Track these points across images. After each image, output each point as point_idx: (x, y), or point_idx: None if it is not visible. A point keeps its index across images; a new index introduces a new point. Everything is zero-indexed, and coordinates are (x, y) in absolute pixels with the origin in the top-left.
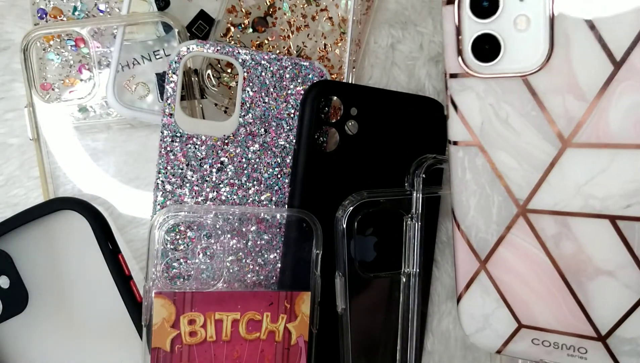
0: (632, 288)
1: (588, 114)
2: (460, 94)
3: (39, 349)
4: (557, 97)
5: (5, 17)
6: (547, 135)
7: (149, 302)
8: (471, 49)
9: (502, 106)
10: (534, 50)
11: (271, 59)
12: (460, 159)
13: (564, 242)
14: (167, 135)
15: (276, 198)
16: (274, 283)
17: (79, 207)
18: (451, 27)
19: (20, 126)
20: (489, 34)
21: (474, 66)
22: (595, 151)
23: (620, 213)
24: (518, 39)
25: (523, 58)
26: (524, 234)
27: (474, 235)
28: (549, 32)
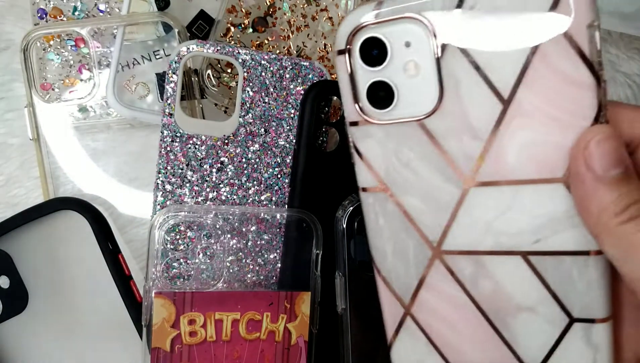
0: (553, 323)
1: (485, 153)
2: (362, 141)
3: (39, 349)
4: (454, 139)
5: (5, 17)
6: (449, 177)
7: (148, 302)
8: (367, 97)
9: (403, 150)
10: (426, 94)
11: (271, 59)
12: (372, 206)
13: (482, 281)
14: (167, 135)
15: (276, 198)
16: (274, 283)
17: (79, 207)
18: (345, 77)
19: (20, 126)
20: (381, 82)
21: (371, 113)
22: (497, 189)
23: (531, 249)
24: (410, 84)
25: (417, 103)
26: (443, 276)
27: (395, 280)
28: (438, 75)
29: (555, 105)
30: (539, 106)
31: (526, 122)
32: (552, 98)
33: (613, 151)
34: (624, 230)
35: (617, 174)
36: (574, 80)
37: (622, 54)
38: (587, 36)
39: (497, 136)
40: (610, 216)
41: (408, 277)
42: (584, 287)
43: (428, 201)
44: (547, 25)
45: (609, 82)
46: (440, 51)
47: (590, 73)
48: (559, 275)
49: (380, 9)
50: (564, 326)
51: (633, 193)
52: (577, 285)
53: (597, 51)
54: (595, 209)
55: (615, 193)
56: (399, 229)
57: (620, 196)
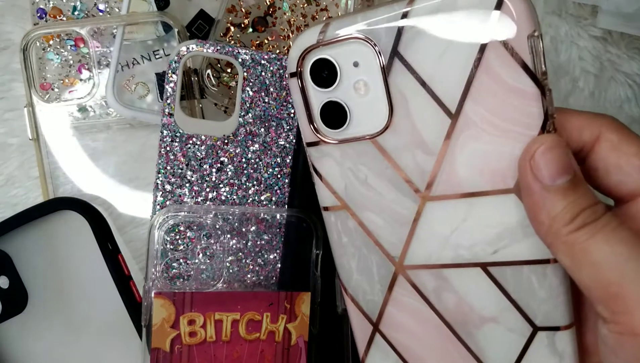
0: (517, 332)
1: (438, 167)
2: (320, 161)
3: (39, 349)
4: (407, 154)
5: (5, 17)
6: (405, 192)
7: (148, 302)
8: (320, 117)
9: (360, 168)
10: (377, 112)
11: (271, 59)
12: (334, 224)
13: (445, 294)
14: (166, 135)
15: (276, 198)
16: (274, 284)
17: (78, 207)
18: (298, 98)
19: (20, 126)
20: (333, 102)
21: (326, 133)
22: (452, 202)
23: (489, 259)
24: (361, 103)
25: (369, 121)
26: (407, 291)
27: (362, 297)
28: (387, 93)
29: (502, 116)
30: (486, 117)
31: (474, 134)
32: (498, 109)
33: (559, 159)
34: (575, 238)
35: (564, 182)
36: (518, 90)
37: (623, 54)
38: (528, 46)
39: (448, 150)
40: (560, 225)
41: (374, 294)
42: (545, 295)
43: (387, 218)
44: (489, 37)
45: (609, 82)
46: (387, 69)
47: (533, 83)
48: (519, 285)
49: (327, 30)
50: (528, 335)
51: (581, 200)
52: (538, 293)
53: (540, 60)
54: (545, 219)
55: (564, 202)
56: (361, 246)
57: (568, 204)
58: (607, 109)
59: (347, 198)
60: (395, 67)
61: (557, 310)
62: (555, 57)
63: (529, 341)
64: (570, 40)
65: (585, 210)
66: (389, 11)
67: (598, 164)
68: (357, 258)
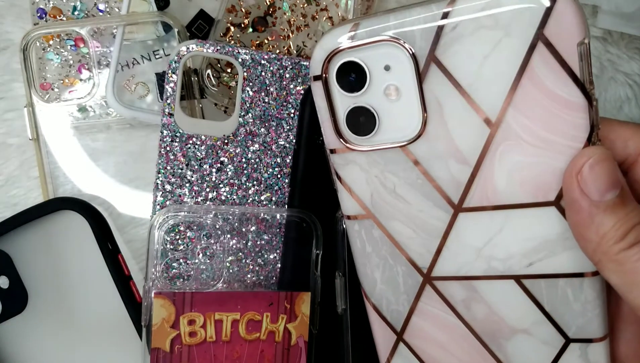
0: (550, 343)
1: (473, 177)
2: (344, 168)
3: (39, 349)
4: (440, 164)
5: (5, 17)
6: (437, 202)
7: (148, 302)
8: (346, 123)
9: (388, 176)
10: (409, 118)
11: (271, 59)
12: (357, 233)
13: (475, 306)
14: (166, 135)
15: (276, 198)
16: (274, 284)
17: (78, 207)
18: (322, 103)
19: (19, 126)
20: (361, 107)
21: (352, 140)
22: (487, 214)
23: (524, 272)
24: (392, 109)
25: (400, 128)
26: (434, 302)
27: (386, 307)
28: (420, 99)
29: (546, 127)
30: (529, 127)
31: (515, 145)
32: (543, 120)
33: (607, 173)
34: (626, 257)
35: (613, 198)
36: (564, 101)
37: (623, 54)
38: (577, 55)
39: (485, 160)
40: (610, 243)
41: (399, 304)
42: (580, 308)
43: (416, 228)
44: (537, 43)
45: (609, 82)
46: (422, 73)
47: (581, 93)
48: (554, 297)
49: (357, 31)
50: (560, 346)
51: (631, 215)
52: (573, 306)
53: (588, 69)
54: (594, 236)
55: (614, 218)
56: (387, 256)
57: (618, 221)
58: (607, 109)
59: (373, 207)
60: (431, 72)
61: (592, 322)
62: None
63: (560, 352)
64: None
65: (636, 227)
66: (427, 11)
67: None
68: (381, 268)
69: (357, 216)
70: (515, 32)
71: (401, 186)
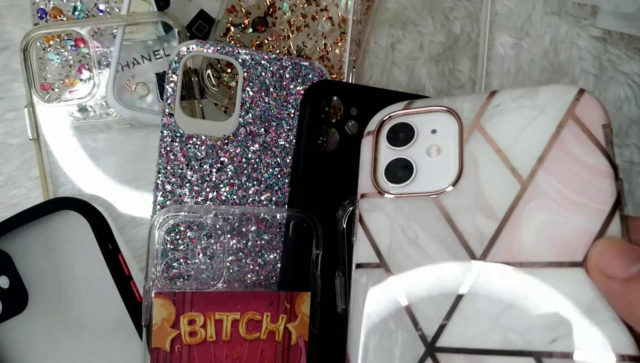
0: None
1: (499, 231)
2: (370, 214)
3: (39, 349)
4: (467, 217)
5: (5, 17)
6: (458, 255)
7: (148, 302)
8: (384, 171)
9: (412, 226)
10: (445, 172)
11: (271, 59)
12: (362, 287)
13: None
14: (167, 135)
15: (276, 198)
16: (274, 283)
17: (79, 207)
18: (368, 155)
19: (20, 126)
20: (402, 158)
21: (385, 187)
22: (509, 271)
23: (546, 349)
24: (430, 163)
25: (434, 180)
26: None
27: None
28: (459, 157)
29: (575, 189)
30: (558, 189)
31: (544, 204)
32: (572, 183)
33: (620, 251)
34: None
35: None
36: (592, 167)
37: (622, 54)
38: (603, 134)
39: (514, 216)
40: None
41: None
42: None
43: (430, 285)
44: (567, 121)
45: (609, 82)
46: (464, 136)
47: (608, 162)
48: None
49: (413, 103)
50: None
51: None
52: None
53: (612, 149)
54: None
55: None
56: (389, 319)
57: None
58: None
59: (389, 256)
60: (473, 136)
61: None
62: (555, 57)
63: None
64: (570, 40)
65: None
66: (476, 94)
67: None
68: (379, 334)
69: (369, 263)
70: (549, 112)
71: (423, 237)
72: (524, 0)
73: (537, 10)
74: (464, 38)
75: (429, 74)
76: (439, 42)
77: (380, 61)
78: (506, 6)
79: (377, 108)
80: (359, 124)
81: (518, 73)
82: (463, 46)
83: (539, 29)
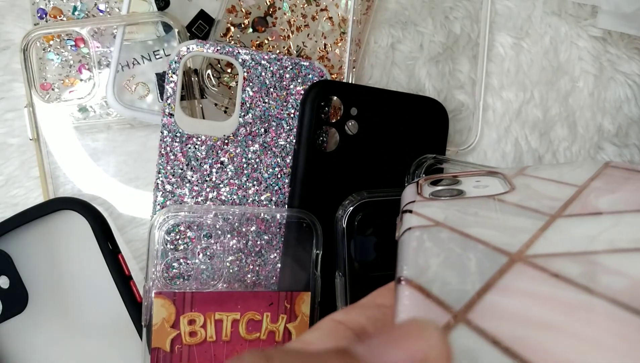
0: None
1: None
2: (419, 208)
3: (39, 349)
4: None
5: (5, 17)
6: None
7: (148, 302)
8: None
9: (469, 209)
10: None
11: (271, 59)
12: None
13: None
14: (167, 135)
15: (276, 198)
16: (274, 283)
17: (79, 207)
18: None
19: (20, 126)
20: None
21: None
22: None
23: None
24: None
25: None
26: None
27: (439, 288)
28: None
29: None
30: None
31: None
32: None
33: None
34: None
35: None
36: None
37: (622, 54)
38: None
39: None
40: None
41: (465, 283)
42: None
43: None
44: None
45: (609, 82)
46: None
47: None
48: None
49: None
50: None
51: None
52: None
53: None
54: None
55: None
56: (454, 247)
57: None
58: (606, 109)
59: (447, 220)
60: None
61: None
62: (555, 57)
63: None
64: (570, 40)
65: None
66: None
67: None
68: (442, 256)
69: (422, 225)
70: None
71: (484, 213)
72: (524, 0)
73: (537, 10)
74: (464, 38)
75: (429, 74)
76: (439, 42)
77: (380, 61)
78: (506, 6)
79: (377, 108)
80: (359, 124)
81: (518, 73)
82: (463, 46)
83: (539, 29)
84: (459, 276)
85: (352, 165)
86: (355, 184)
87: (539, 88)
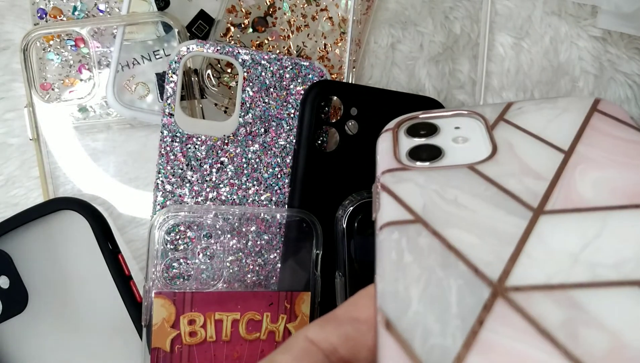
0: None
1: (552, 188)
2: (397, 184)
3: (39, 349)
4: (513, 179)
5: (5, 17)
6: (510, 209)
7: (148, 302)
8: (408, 153)
9: (448, 190)
10: (477, 152)
11: (271, 59)
12: (396, 242)
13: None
14: (167, 135)
15: (276, 198)
16: (274, 283)
17: (79, 207)
18: (388, 143)
19: (20, 126)
20: (427, 144)
21: (411, 164)
22: (578, 216)
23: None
24: (458, 148)
25: (466, 157)
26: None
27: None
28: (490, 140)
29: (619, 154)
30: (603, 155)
31: (593, 165)
32: (615, 150)
33: None
34: None
35: None
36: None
37: (622, 54)
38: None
39: (564, 176)
40: None
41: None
42: None
43: (482, 234)
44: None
45: (609, 82)
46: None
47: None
48: None
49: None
50: None
51: None
52: None
53: None
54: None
55: None
56: (435, 267)
57: None
58: None
59: (425, 214)
60: (501, 126)
61: None
62: (555, 58)
63: None
64: (570, 40)
65: None
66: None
67: None
68: (423, 282)
69: (401, 221)
70: (572, 110)
71: (464, 197)
72: (524, 0)
73: (537, 10)
74: (464, 38)
75: (429, 74)
76: (439, 42)
77: (380, 61)
78: (506, 6)
79: (377, 108)
80: (359, 124)
81: (518, 73)
82: (463, 46)
83: (539, 29)
84: (440, 319)
85: (352, 165)
86: (355, 184)
87: (539, 88)
